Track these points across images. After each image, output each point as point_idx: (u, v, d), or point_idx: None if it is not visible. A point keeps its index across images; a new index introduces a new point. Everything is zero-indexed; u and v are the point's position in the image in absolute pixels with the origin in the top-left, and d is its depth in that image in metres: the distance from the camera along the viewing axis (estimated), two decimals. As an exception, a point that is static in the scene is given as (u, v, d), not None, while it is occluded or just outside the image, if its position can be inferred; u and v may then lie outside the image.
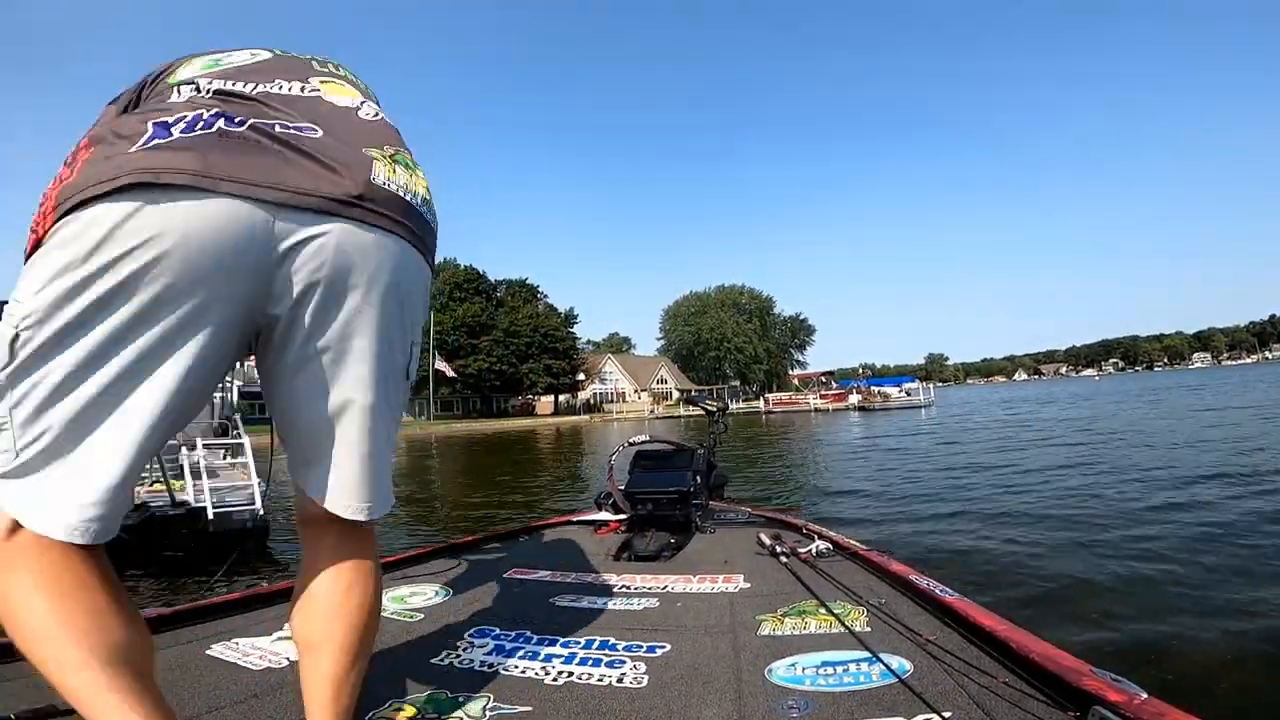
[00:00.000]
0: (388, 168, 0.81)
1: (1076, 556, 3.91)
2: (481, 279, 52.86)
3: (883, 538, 4.76)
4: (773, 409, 42.88)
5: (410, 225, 0.82)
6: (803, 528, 2.44)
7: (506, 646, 1.42)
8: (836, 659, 1.27)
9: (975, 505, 5.83)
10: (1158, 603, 3.04)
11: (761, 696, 1.13)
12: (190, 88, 0.81)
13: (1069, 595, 3.23)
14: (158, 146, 0.69)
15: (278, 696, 1.19)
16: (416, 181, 0.85)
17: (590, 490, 7.90)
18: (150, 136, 0.70)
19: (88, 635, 0.69)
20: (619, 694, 1.17)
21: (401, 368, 0.86)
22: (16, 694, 1.17)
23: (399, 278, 0.81)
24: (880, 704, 1.08)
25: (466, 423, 43.89)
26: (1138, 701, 0.93)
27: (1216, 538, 4.10)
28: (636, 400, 60.90)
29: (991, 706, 1.04)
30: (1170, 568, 3.56)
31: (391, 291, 0.80)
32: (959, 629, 1.37)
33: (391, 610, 1.70)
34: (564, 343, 53.60)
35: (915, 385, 43.44)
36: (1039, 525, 4.84)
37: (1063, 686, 1.03)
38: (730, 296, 79.31)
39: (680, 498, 2.61)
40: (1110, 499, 5.67)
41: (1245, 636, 2.58)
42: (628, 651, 1.37)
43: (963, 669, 1.17)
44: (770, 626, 1.48)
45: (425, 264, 0.87)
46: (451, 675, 1.28)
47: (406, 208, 0.82)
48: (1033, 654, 1.13)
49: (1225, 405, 16.97)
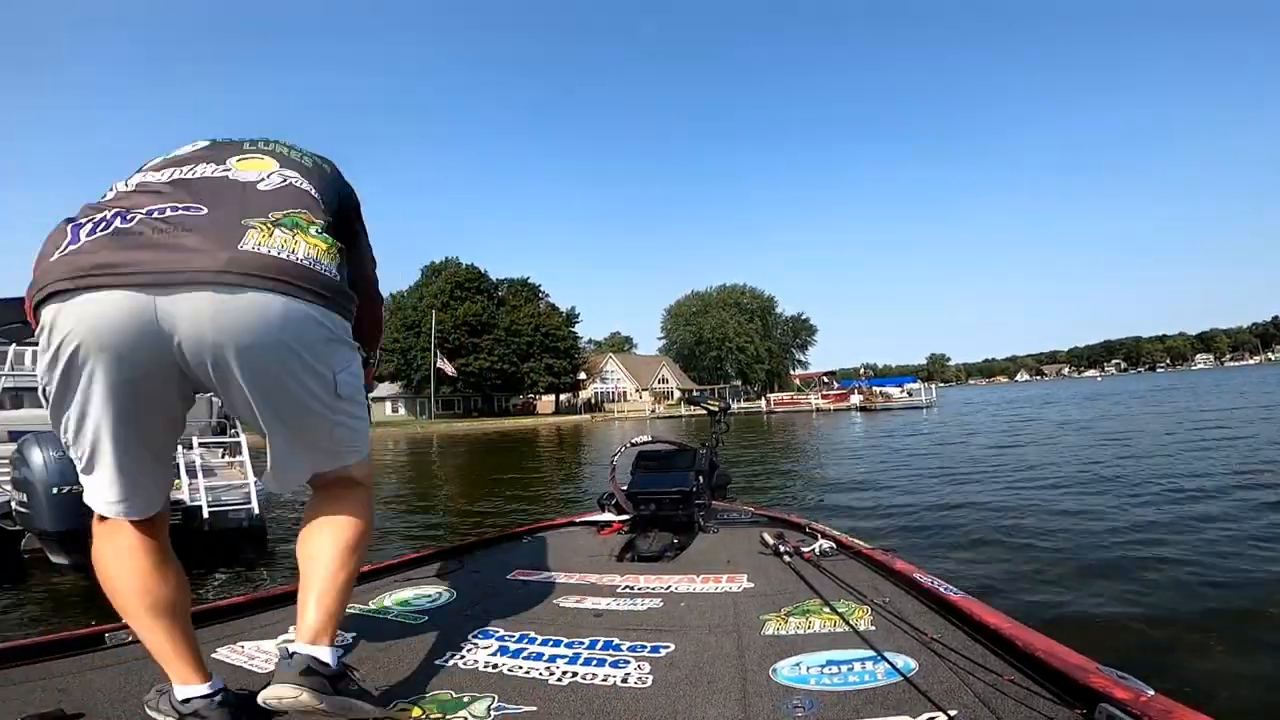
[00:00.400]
0: (263, 233, 0.97)
1: (1082, 554, 3.91)
2: (483, 278, 52.84)
3: (886, 536, 4.77)
4: (774, 409, 42.87)
5: (284, 279, 0.96)
6: (806, 527, 2.44)
7: (510, 647, 1.42)
8: (841, 658, 1.27)
9: (978, 504, 5.82)
10: (1164, 600, 3.04)
11: (766, 696, 1.13)
12: (121, 182, 1.06)
13: (1074, 592, 3.23)
14: (67, 252, 0.90)
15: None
16: (296, 240, 1.00)
17: (592, 490, 7.91)
18: (67, 242, 0.91)
19: (135, 591, 1.04)
20: (623, 694, 1.17)
21: (319, 388, 1.05)
22: (23, 697, 1.18)
23: (280, 324, 0.96)
24: (885, 703, 1.08)
25: (467, 422, 43.95)
26: (1144, 699, 0.92)
27: (1225, 536, 4.10)
28: (638, 400, 60.93)
29: (997, 704, 1.03)
30: (1177, 566, 3.56)
31: (274, 336, 0.96)
32: (964, 627, 1.37)
33: (395, 612, 1.71)
34: (565, 342, 53.61)
35: (917, 386, 43.43)
36: (1042, 524, 4.84)
37: (1069, 684, 1.03)
38: (732, 296, 79.24)
39: (683, 498, 2.61)
40: (1115, 497, 5.67)
41: (1253, 635, 2.58)
42: (632, 652, 1.37)
43: (968, 667, 1.17)
44: (774, 626, 1.48)
45: (311, 306, 1.00)
46: (456, 676, 1.28)
47: (280, 265, 0.96)
48: (1038, 651, 1.12)
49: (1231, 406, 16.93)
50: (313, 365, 1.03)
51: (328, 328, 1.03)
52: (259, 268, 0.93)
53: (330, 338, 1.05)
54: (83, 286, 0.88)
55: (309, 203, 1.09)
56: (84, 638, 1.46)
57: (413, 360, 47.97)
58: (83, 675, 1.30)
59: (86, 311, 0.88)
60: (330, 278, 1.03)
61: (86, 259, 0.89)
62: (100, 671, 1.32)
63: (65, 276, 0.88)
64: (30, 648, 1.39)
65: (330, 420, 1.09)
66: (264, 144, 1.20)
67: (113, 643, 1.46)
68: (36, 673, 1.30)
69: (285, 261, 0.97)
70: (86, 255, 0.89)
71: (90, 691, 1.22)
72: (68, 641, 1.43)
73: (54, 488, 4.02)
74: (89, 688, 1.23)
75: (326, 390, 1.06)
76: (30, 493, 4.09)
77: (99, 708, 1.15)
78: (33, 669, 1.32)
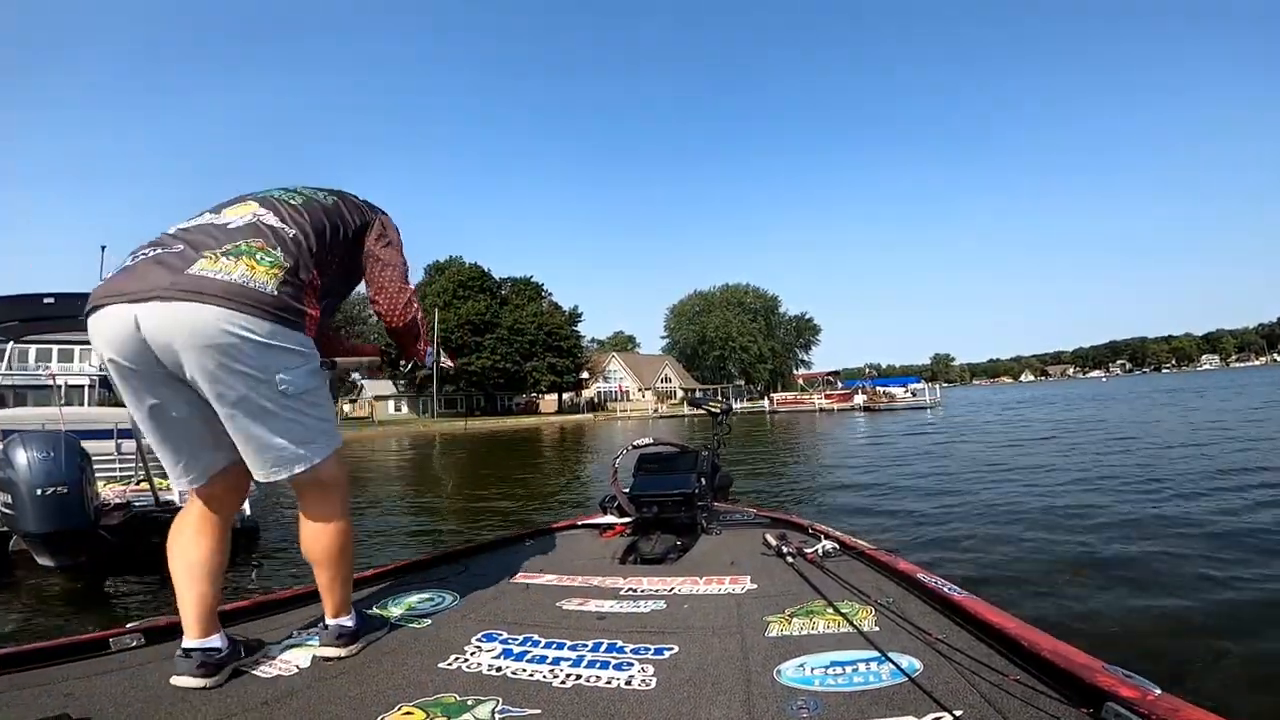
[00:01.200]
0: (209, 260, 1.24)
1: (1089, 554, 3.89)
2: (486, 277, 52.88)
3: (889, 536, 4.75)
4: (777, 408, 42.79)
5: (213, 294, 1.19)
6: (808, 527, 2.43)
7: (514, 650, 1.42)
8: (845, 659, 1.26)
9: (981, 504, 5.81)
10: (1172, 599, 3.03)
11: (770, 697, 1.13)
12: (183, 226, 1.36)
13: (1080, 592, 3.22)
14: (99, 284, 1.27)
15: (289, 703, 1.20)
16: (237, 264, 1.24)
17: (596, 491, 7.90)
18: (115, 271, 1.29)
19: (176, 552, 1.36)
20: (627, 696, 1.17)
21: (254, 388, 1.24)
22: (29, 701, 1.19)
23: (205, 329, 1.18)
24: (890, 703, 1.07)
25: (470, 420, 43.94)
26: (1151, 697, 0.92)
27: (1232, 534, 4.08)
28: (640, 399, 60.92)
29: (1003, 705, 1.03)
30: (1185, 564, 3.54)
31: (203, 339, 1.18)
32: (968, 627, 1.36)
33: (399, 615, 1.71)
34: (568, 341, 53.63)
35: (921, 386, 43.30)
36: (1047, 524, 4.82)
37: (1075, 683, 1.02)
38: (735, 295, 79.11)
39: (685, 500, 2.61)
40: (1123, 496, 5.64)
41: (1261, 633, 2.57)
42: (635, 654, 1.37)
43: (973, 667, 1.17)
44: (778, 627, 1.48)
45: (238, 314, 1.20)
46: (459, 679, 1.28)
47: (212, 284, 1.20)
48: (1044, 651, 1.12)
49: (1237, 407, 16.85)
50: (242, 366, 1.22)
51: (257, 334, 1.22)
52: (193, 285, 1.19)
53: (264, 343, 1.24)
54: (96, 306, 1.22)
55: (265, 234, 1.33)
56: (89, 642, 1.46)
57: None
58: (88, 680, 1.31)
59: (99, 324, 1.22)
60: (264, 293, 1.24)
61: (106, 285, 1.24)
62: (105, 676, 1.33)
63: (94, 299, 1.23)
64: (36, 652, 1.39)
65: (280, 418, 1.29)
66: (269, 191, 1.47)
67: (117, 648, 1.47)
68: (42, 677, 1.31)
69: (217, 280, 1.21)
70: (108, 282, 1.25)
71: (95, 696, 1.22)
72: (73, 646, 1.44)
73: (39, 489, 3.89)
74: (94, 692, 1.24)
75: (268, 389, 1.26)
76: (14, 494, 3.96)
77: (104, 713, 1.15)
78: (38, 674, 1.33)
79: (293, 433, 1.31)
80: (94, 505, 4.20)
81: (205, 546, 1.36)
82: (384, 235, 1.59)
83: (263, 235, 1.32)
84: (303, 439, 1.32)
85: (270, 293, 1.25)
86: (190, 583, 1.33)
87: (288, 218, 1.39)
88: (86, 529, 4.09)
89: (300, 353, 1.31)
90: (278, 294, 1.26)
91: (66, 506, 3.94)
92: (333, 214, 1.49)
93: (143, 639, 1.51)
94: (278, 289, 1.26)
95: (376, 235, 1.58)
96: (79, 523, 4.02)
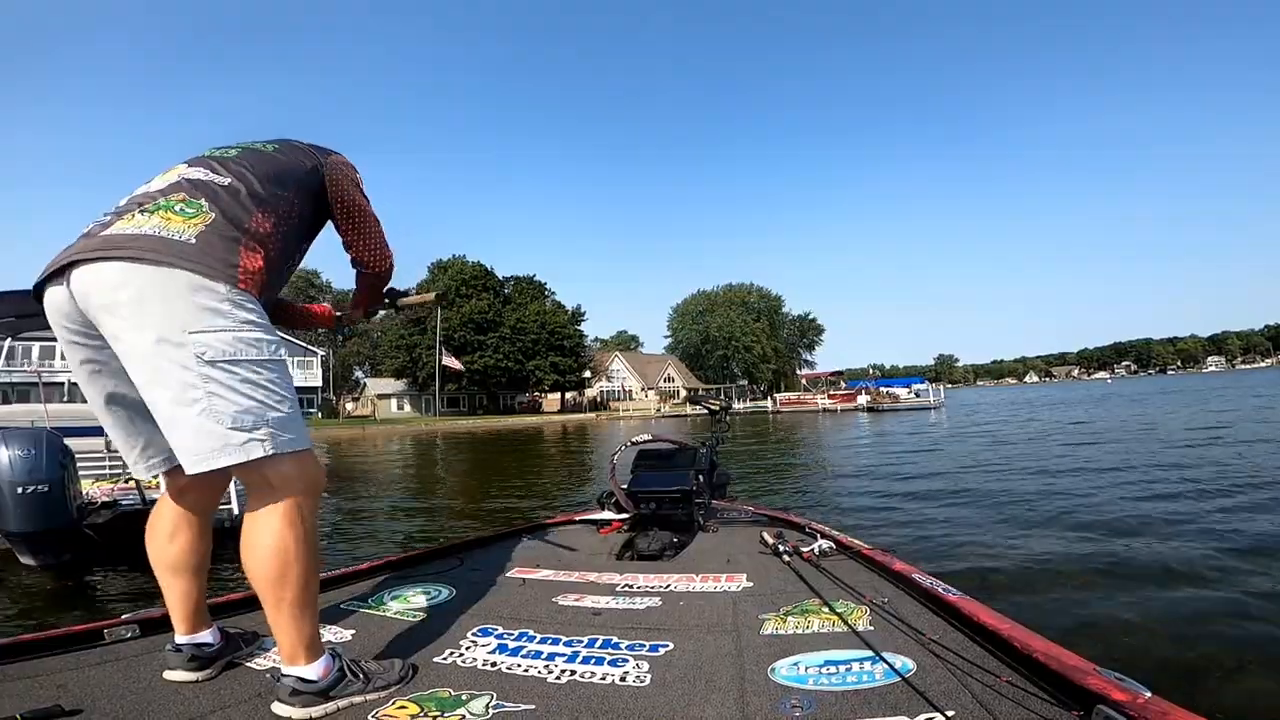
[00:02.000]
0: (126, 219, 1.15)
1: (1082, 557, 3.87)
2: (489, 275, 52.94)
3: (886, 536, 4.74)
4: (781, 408, 42.76)
5: (121, 248, 1.10)
6: (805, 526, 2.43)
7: (509, 645, 1.43)
8: (839, 658, 1.27)
9: (981, 505, 5.79)
10: (1163, 602, 3.02)
11: (764, 695, 1.13)
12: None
13: (1073, 594, 3.21)
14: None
15: None
16: (151, 218, 1.15)
17: (595, 488, 7.91)
18: None
19: (153, 551, 1.31)
20: (622, 692, 1.18)
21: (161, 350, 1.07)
22: (21, 693, 1.19)
23: (111, 285, 1.09)
24: (883, 703, 1.08)
25: (472, 419, 44.03)
26: (1142, 700, 0.93)
27: (1225, 539, 4.06)
28: (643, 398, 60.93)
29: (995, 706, 1.03)
30: (1177, 568, 3.53)
31: (108, 297, 1.09)
32: (962, 628, 1.36)
33: (395, 609, 1.72)
34: (571, 340, 53.65)
35: (925, 386, 43.15)
36: (1044, 525, 4.80)
37: (1067, 685, 1.03)
38: (738, 295, 79.11)
39: (683, 497, 2.61)
40: (1117, 499, 5.62)
41: (1250, 637, 2.56)
42: (630, 650, 1.37)
43: (966, 668, 1.17)
44: (773, 625, 1.48)
45: (146, 267, 1.09)
46: (455, 673, 1.29)
47: (120, 239, 1.11)
48: (1036, 653, 1.12)
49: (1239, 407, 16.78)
50: (146, 324, 1.07)
51: (166, 286, 1.08)
52: (101, 243, 1.11)
53: (173, 297, 1.08)
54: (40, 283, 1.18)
55: (185, 188, 1.21)
56: (83, 634, 1.46)
57: (418, 358, 48.14)
58: (81, 671, 1.30)
59: (46, 299, 1.18)
60: (177, 241, 1.12)
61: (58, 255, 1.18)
62: (99, 668, 1.33)
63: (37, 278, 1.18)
64: (29, 644, 1.39)
65: (198, 390, 1.07)
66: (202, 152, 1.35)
67: (112, 639, 1.47)
68: (34, 669, 1.31)
69: (125, 235, 1.12)
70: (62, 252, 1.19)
71: (89, 688, 1.22)
72: (67, 637, 1.43)
73: (19, 487, 3.81)
74: (87, 684, 1.24)
75: (180, 353, 1.07)
76: None
77: (97, 704, 1.15)
78: (31, 665, 1.33)
79: (219, 411, 1.08)
80: (77, 503, 4.12)
81: (181, 544, 1.29)
82: (347, 177, 1.43)
83: (183, 190, 1.20)
84: (237, 422, 1.09)
85: (186, 240, 1.12)
86: (172, 581, 1.29)
87: (218, 168, 1.26)
88: (69, 527, 4.03)
89: (222, 311, 1.11)
90: (196, 242, 1.12)
91: (48, 505, 3.87)
92: (275, 158, 1.34)
93: (138, 630, 1.50)
94: (196, 237, 1.13)
95: (339, 177, 1.42)
96: (61, 521, 3.95)
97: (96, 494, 4.80)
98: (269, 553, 1.11)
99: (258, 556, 1.11)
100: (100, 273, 1.09)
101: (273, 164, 1.32)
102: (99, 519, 4.33)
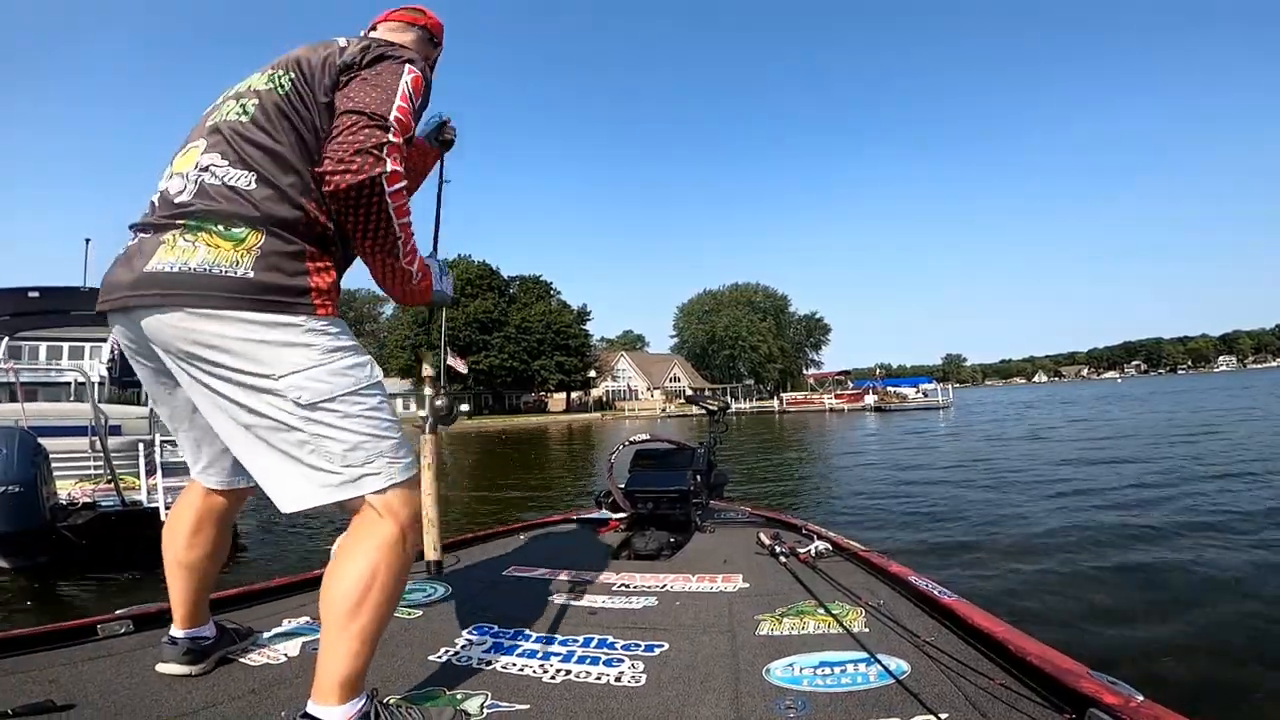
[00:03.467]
0: (172, 248, 1.01)
1: (1078, 559, 3.86)
2: (494, 275, 53.06)
3: (883, 539, 4.73)
4: (787, 408, 42.70)
5: (195, 291, 0.98)
6: (802, 528, 2.43)
7: (505, 644, 1.43)
8: (834, 659, 1.27)
9: (980, 508, 5.76)
10: (1157, 606, 3.00)
11: (759, 696, 1.13)
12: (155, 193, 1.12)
13: (1067, 597, 3.19)
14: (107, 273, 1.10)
15: (276, 692, 1.21)
16: (200, 247, 1.00)
17: (597, 486, 7.92)
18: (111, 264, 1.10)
19: (170, 548, 1.28)
20: (617, 692, 1.18)
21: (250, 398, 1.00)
22: (15, 688, 1.19)
23: (173, 335, 1.00)
24: (878, 705, 1.08)
25: (478, 419, 44.15)
26: (1134, 704, 0.93)
27: (1220, 542, 4.03)
28: (649, 398, 60.96)
29: (988, 708, 1.03)
30: (1171, 571, 3.52)
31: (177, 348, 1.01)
32: (957, 630, 1.36)
33: None
34: (577, 339, 53.73)
35: (932, 386, 43.05)
36: (1042, 527, 4.78)
37: (1059, 688, 1.02)
38: (745, 295, 79.02)
39: (680, 497, 2.61)
40: (1114, 501, 5.59)
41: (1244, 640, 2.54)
42: (626, 650, 1.37)
43: (960, 670, 1.17)
44: (769, 626, 1.48)
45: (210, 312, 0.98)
46: (450, 672, 1.29)
47: (170, 279, 0.99)
48: (1030, 656, 1.12)
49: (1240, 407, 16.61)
50: (228, 373, 0.98)
51: (237, 335, 0.97)
52: (150, 283, 1.00)
53: (249, 342, 0.97)
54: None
55: (222, 195, 1.03)
56: (76, 629, 1.46)
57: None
58: (74, 666, 1.31)
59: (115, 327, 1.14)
60: (236, 277, 0.98)
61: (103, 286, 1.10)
62: (92, 663, 1.33)
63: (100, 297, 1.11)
64: (21, 639, 1.39)
65: (302, 432, 0.99)
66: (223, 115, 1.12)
67: (105, 634, 1.47)
68: (27, 664, 1.31)
69: (176, 274, 0.99)
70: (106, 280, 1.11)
71: (81, 683, 1.22)
72: (60, 633, 1.44)
73: None
74: (80, 679, 1.24)
75: (269, 402, 0.98)
76: None
77: (90, 699, 1.15)
78: (23, 660, 1.33)
79: (329, 452, 1.00)
80: (51, 504, 4.02)
81: (203, 542, 1.27)
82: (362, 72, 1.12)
83: (220, 196, 1.03)
84: (347, 460, 1.01)
85: (245, 276, 0.98)
86: (184, 576, 1.27)
87: (244, 152, 1.06)
88: (42, 529, 3.92)
89: (308, 346, 1.00)
90: (255, 275, 0.99)
91: (19, 506, 3.77)
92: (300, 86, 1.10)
93: (132, 626, 1.50)
94: (254, 267, 0.99)
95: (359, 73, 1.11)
96: (33, 523, 3.85)
97: (77, 495, 4.67)
98: (358, 578, 0.99)
99: (345, 580, 1.00)
100: (164, 323, 0.99)
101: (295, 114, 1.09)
102: (78, 520, 4.18)
